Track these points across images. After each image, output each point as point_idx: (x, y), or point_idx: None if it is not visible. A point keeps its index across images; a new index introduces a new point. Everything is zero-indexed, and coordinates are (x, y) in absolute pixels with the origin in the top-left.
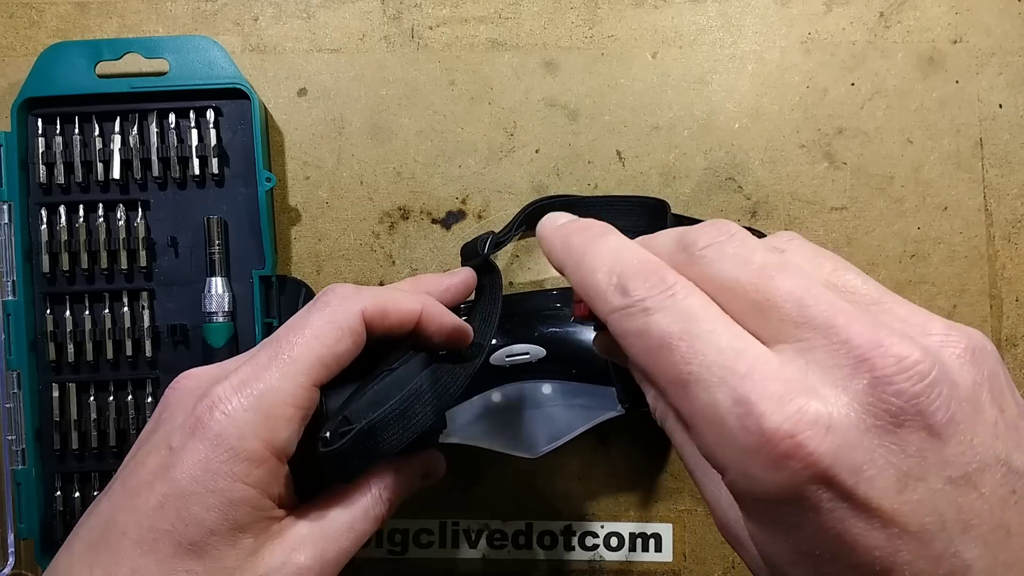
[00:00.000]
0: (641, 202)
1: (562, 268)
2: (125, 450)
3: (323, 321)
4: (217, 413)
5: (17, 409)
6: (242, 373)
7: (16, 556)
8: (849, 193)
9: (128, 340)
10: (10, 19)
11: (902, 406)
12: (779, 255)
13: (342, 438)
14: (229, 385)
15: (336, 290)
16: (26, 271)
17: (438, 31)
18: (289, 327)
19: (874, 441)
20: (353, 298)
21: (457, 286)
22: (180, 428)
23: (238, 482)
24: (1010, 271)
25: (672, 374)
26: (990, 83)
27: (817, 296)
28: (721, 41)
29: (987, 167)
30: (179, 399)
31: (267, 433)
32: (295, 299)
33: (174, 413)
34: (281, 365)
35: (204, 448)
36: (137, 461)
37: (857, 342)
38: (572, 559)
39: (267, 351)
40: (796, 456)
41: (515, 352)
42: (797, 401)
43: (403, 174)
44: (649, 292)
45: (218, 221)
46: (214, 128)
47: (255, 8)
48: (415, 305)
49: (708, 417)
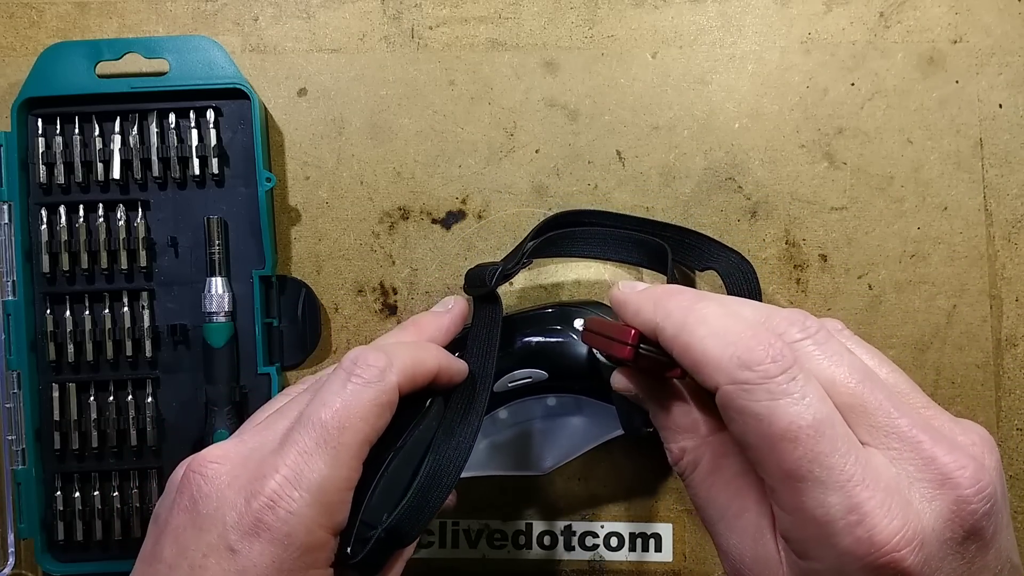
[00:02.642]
0: (643, 241)
1: (659, 332)
2: (125, 450)
3: (367, 401)
4: (280, 512)
5: (17, 409)
6: (291, 464)
7: (16, 556)
8: (849, 193)
9: (128, 340)
10: (10, 19)
11: (974, 523)
12: (858, 357)
13: (364, 546)
14: (283, 479)
15: (368, 360)
16: (26, 271)
17: (438, 31)
18: (327, 405)
19: (947, 550)
20: (389, 372)
21: (456, 324)
22: (237, 528)
23: (310, 570)
24: (1010, 271)
25: (790, 468)
26: (990, 83)
27: (900, 408)
28: (721, 41)
29: (987, 167)
30: (219, 492)
31: (328, 520)
32: (295, 299)
33: (220, 509)
34: (332, 452)
35: (274, 550)
36: (193, 564)
37: (942, 461)
38: (572, 559)
39: (309, 435)
40: (897, 568)
41: (517, 378)
42: (903, 516)
43: (403, 174)
44: (772, 371)
45: (218, 221)
46: (214, 128)
47: (255, 8)
48: (435, 364)
49: (815, 518)
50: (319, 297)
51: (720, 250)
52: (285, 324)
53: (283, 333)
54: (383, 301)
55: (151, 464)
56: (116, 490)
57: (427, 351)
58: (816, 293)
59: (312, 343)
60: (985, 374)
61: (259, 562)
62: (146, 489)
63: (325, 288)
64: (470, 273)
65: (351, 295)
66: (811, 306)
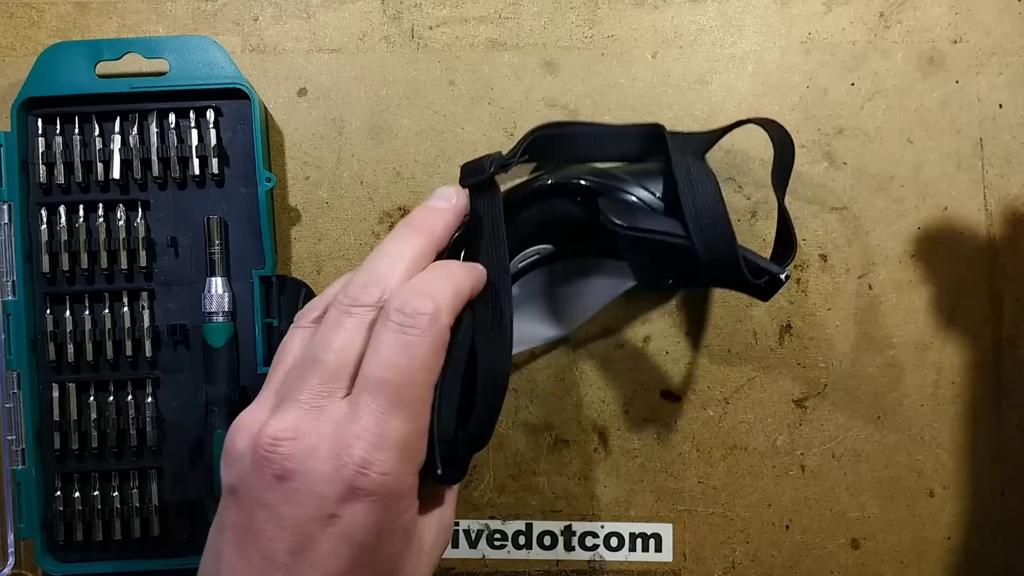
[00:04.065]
0: (638, 132)
1: None
2: (125, 450)
3: (427, 352)
4: (373, 475)
5: (17, 409)
6: (371, 428)
7: (16, 556)
8: (849, 193)
9: (128, 340)
10: (10, 19)
11: None
12: None
13: (452, 463)
14: (368, 445)
15: (418, 309)
16: (26, 271)
17: (438, 31)
18: (390, 365)
19: None
20: (439, 316)
21: (459, 218)
22: (333, 497)
23: (407, 513)
24: (1010, 271)
25: None
26: (990, 83)
27: None
28: (721, 41)
29: (987, 167)
30: (303, 467)
31: (413, 467)
32: (295, 299)
33: (310, 483)
34: (406, 408)
35: (373, 507)
36: (296, 532)
37: None
38: (572, 559)
39: (381, 397)
40: None
41: (524, 257)
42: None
43: (403, 174)
44: None
45: (218, 221)
46: (214, 128)
47: (255, 8)
48: (469, 289)
49: None
50: None
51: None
52: (285, 324)
53: (283, 333)
54: None
55: (151, 464)
56: (116, 490)
57: (461, 278)
58: (816, 293)
59: None
60: (985, 374)
61: (361, 520)
62: (146, 489)
63: (325, 288)
64: (467, 164)
65: None
66: (811, 306)
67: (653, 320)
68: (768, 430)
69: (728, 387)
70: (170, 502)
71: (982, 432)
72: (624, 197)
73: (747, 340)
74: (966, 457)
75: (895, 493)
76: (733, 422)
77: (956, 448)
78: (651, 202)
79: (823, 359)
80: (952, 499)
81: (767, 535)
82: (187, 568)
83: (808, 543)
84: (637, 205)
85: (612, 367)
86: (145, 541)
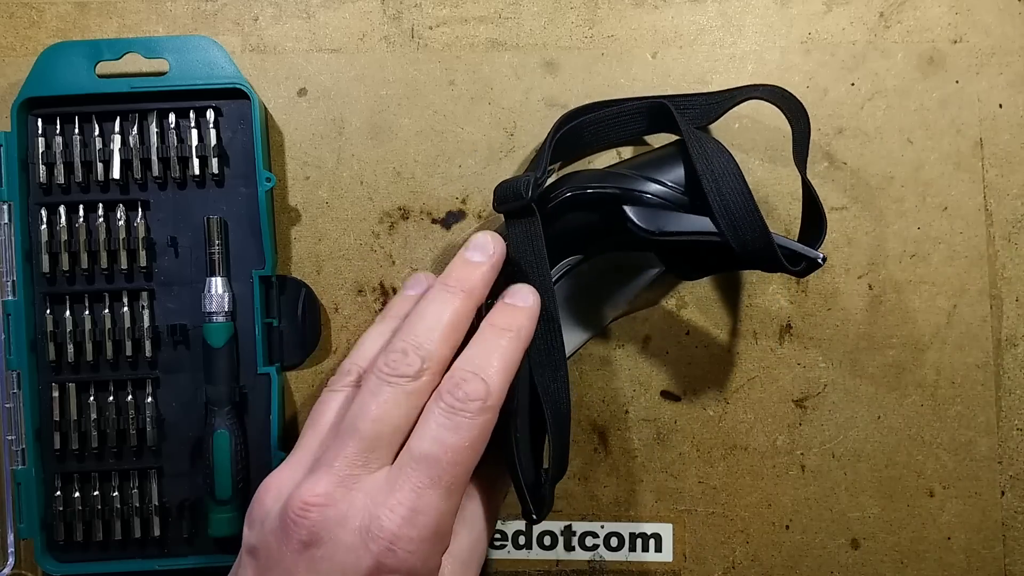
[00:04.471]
0: (645, 108)
1: None
2: (125, 450)
3: (476, 435)
4: (400, 553)
5: (17, 409)
6: (406, 503)
7: (16, 556)
8: (849, 193)
9: (128, 340)
10: (10, 19)
11: None
12: None
13: (542, 504)
14: (401, 520)
15: (470, 395)
16: (26, 271)
17: (438, 31)
18: (439, 442)
19: None
20: (491, 398)
21: (497, 271)
22: (356, 570)
23: None
24: (1010, 271)
25: None
26: (990, 83)
27: None
28: (721, 41)
29: (987, 167)
30: (331, 535)
31: (442, 547)
32: (295, 299)
33: (336, 553)
34: (445, 487)
35: None
36: None
37: None
38: (572, 559)
39: (423, 472)
40: None
41: (558, 269)
42: None
43: (403, 174)
44: None
45: (218, 221)
46: (214, 128)
47: (255, 8)
48: (520, 355)
49: None
50: (319, 297)
51: (732, 95)
52: (285, 324)
53: (283, 333)
54: (383, 301)
55: (151, 464)
56: (116, 490)
57: (512, 350)
58: (816, 293)
59: (312, 343)
60: (985, 374)
61: None
62: (146, 489)
63: (325, 288)
64: (500, 188)
65: (351, 295)
66: (811, 306)
67: (653, 320)
68: (768, 430)
69: (728, 387)
70: (170, 502)
71: (982, 432)
72: (647, 199)
73: (747, 340)
74: (966, 457)
75: (895, 493)
76: (733, 422)
77: (956, 448)
78: (673, 198)
79: (823, 359)
80: (952, 499)
81: (767, 535)
82: (187, 568)
83: (808, 543)
84: (661, 205)
85: (612, 367)
86: (145, 541)
